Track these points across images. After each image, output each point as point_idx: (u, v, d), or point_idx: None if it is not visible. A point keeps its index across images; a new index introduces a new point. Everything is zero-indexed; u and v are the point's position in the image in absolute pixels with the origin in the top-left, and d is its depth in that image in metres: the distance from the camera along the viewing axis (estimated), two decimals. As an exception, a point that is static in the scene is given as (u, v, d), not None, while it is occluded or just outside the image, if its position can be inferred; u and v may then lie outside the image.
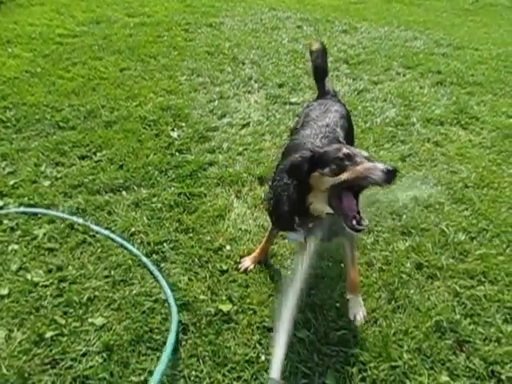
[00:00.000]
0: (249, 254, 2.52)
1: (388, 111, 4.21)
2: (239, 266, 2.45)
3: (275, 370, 1.03)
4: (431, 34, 6.59)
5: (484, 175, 3.34)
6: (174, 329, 1.99)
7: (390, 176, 1.50)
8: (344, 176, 1.62)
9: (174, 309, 2.11)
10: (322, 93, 2.75)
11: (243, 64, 5.08)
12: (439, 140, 3.80)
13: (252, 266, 2.44)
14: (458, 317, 2.23)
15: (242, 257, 2.52)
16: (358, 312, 2.20)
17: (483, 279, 2.46)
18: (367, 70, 5.15)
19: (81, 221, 2.67)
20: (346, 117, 2.50)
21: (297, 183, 1.82)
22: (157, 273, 2.34)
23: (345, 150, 1.67)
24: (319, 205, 1.76)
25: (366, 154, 1.71)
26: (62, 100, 4.06)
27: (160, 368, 1.74)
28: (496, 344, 2.12)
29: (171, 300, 2.17)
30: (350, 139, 2.49)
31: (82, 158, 3.31)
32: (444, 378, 1.96)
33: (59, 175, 3.10)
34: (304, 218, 1.86)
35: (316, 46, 2.79)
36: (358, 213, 1.64)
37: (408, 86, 4.79)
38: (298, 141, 2.20)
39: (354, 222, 1.63)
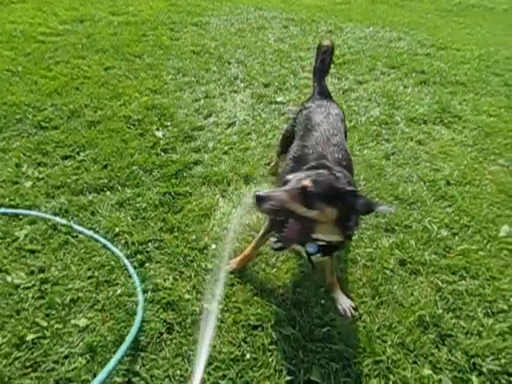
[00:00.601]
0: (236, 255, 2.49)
1: (372, 110, 4.26)
2: (228, 266, 2.41)
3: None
4: (415, 35, 6.68)
5: (466, 173, 3.41)
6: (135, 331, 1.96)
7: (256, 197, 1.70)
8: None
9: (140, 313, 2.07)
10: (319, 92, 2.73)
11: (229, 63, 5.08)
12: (422, 138, 3.86)
13: (236, 271, 2.40)
14: (440, 311, 2.27)
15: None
16: (346, 306, 2.26)
17: (465, 274, 2.51)
18: (352, 69, 5.20)
19: (64, 221, 2.64)
20: (343, 119, 2.54)
21: None
22: (135, 276, 2.30)
23: (288, 177, 1.79)
24: None
25: (305, 182, 1.72)
26: (44, 99, 4.00)
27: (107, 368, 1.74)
28: (477, 337, 2.16)
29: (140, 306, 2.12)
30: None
31: (65, 157, 3.26)
32: (427, 371, 1.99)
33: (41, 175, 3.04)
34: None
35: (327, 43, 2.83)
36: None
37: (392, 85, 4.84)
38: (310, 150, 2.19)
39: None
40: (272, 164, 3.25)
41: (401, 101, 4.47)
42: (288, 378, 1.91)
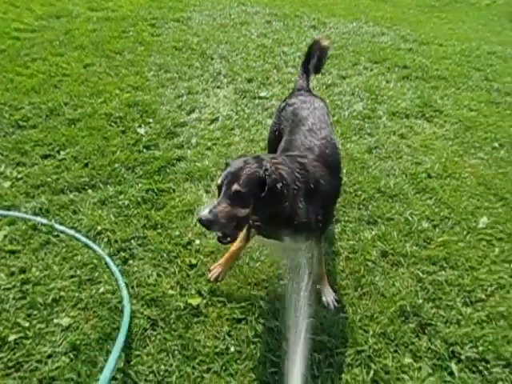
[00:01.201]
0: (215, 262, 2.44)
1: (355, 105, 4.29)
2: (209, 275, 2.35)
3: None
4: (398, 30, 6.72)
5: (447, 166, 3.46)
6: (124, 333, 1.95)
7: (200, 220, 1.69)
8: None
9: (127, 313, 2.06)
10: (302, 87, 2.72)
11: (212, 59, 5.05)
12: (404, 132, 3.91)
13: (221, 276, 2.35)
14: (420, 301, 2.31)
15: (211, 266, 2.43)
16: (330, 297, 2.30)
17: (445, 265, 2.56)
18: (335, 64, 5.22)
19: (44, 221, 2.60)
20: (328, 113, 2.54)
21: None
22: (118, 274, 2.29)
23: (218, 181, 1.77)
24: None
25: (235, 186, 1.71)
26: (21, 98, 3.92)
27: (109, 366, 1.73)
28: (456, 326, 2.21)
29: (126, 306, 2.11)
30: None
31: (45, 157, 3.22)
32: (407, 359, 2.03)
33: (20, 175, 3.00)
34: None
35: (327, 43, 2.80)
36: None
37: (375, 80, 4.88)
38: (297, 142, 2.19)
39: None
40: None
41: (383, 95, 4.52)
42: (272, 369, 1.94)
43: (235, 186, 1.70)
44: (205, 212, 1.66)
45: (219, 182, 1.75)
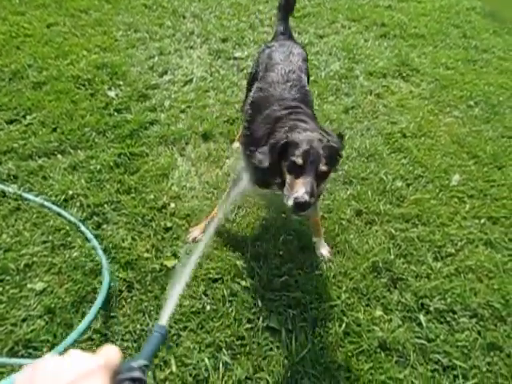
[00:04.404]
0: (197, 224, 2.45)
1: (332, 64, 4.21)
2: (187, 236, 2.38)
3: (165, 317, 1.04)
4: (377, -14, 6.53)
5: (422, 125, 3.48)
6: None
7: (298, 204, 1.61)
8: (288, 180, 1.74)
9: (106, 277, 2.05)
10: (282, 32, 2.67)
11: (184, 18, 4.82)
12: (381, 92, 3.88)
13: (200, 236, 2.37)
14: (392, 257, 2.38)
15: (190, 227, 2.44)
16: (324, 250, 2.36)
17: (417, 222, 2.63)
18: (313, 23, 5.07)
19: (11, 189, 2.52)
20: (306, 59, 2.49)
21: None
22: (91, 237, 2.27)
23: (299, 161, 1.68)
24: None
25: (323, 167, 1.70)
26: (-19, 61, 3.69)
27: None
28: (426, 280, 2.30)
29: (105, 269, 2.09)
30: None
31: (10, 122, 3.07)
32: (378, 312, 2.11)
33: (-15, 141, 2.88)
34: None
35: None
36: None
37: (352, 39, 4.78)
38: (268, 92, 2.15)
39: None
40: (238, 136, 3.04)
41: (361, 54, 4.44)
42: (248, 325, 1.99)
43: (322, 167, 1.68)
44: (304, 195, 1.60)
45: (300, 161, 1.68)
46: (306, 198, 1.59)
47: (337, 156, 1.80)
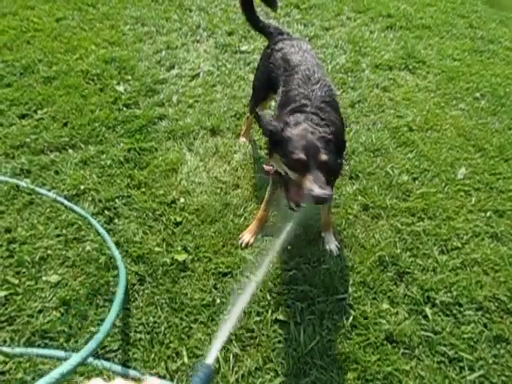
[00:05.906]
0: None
1: (338, 58, 4.20)
2: (239, 241, 2.38)
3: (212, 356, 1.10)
4: (383, -24, 6.46)
5: (428, 118, 3.48)
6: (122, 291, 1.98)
7: (319, 199, 1.66)
8: (293, 177, 1.79)
9: (123, 271, 2.10)
10: (279, 32, 2.70)
11: (190, 11, 4.82)
12: (387, 85, 3.88)
13: (252, 240, 2.39)
14: (399, 251, 2.41)
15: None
16: (333, 245, 2.40)
17: (423, 216, 2.65)
18: (318, 15, 5.04)
19: (24, 184, 2.58)
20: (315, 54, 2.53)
21: None
22: (103, 231, 2.32)
23: (301, 156, 1.73)
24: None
25: (324, 157, 1.75)
26: (-8, 55, 3.74)
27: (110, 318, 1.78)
28: (432, 273, 2.33)
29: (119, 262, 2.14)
30: None
31: (22, 116, 3.13)
32: (385, 305, 2.15)
33: (-2, 136, 2.93)
34: None
35: None
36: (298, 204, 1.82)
37: (358, 31, 4.76)
38: (298, 91, 2.16)
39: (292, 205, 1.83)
40: (243, 130, 3.10)
41: (367, 47, 4.42)
42: (257, 318, 2.04)
43: (323, 157, 1.74)
44: (320, 190, 1.65)
45: (302, 156, 1.73)
46: (323, 192, 1.64)
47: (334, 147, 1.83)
